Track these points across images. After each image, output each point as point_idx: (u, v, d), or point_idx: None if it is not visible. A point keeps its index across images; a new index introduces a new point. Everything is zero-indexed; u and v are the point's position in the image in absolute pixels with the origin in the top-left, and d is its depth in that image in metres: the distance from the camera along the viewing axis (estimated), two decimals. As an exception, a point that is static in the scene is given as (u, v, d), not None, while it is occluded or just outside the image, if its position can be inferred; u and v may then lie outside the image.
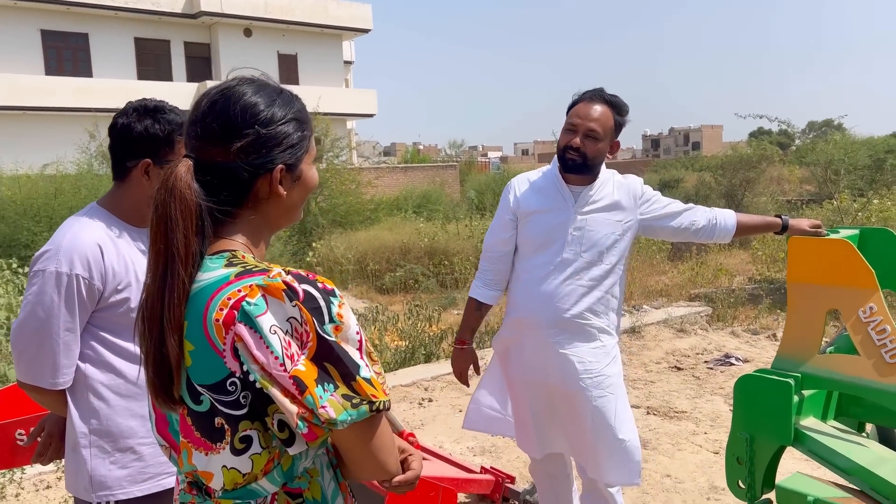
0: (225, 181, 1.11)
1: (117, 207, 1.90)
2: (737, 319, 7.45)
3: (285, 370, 1.00)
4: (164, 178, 1.10)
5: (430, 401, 5.19)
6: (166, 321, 1.04)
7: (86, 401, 1.82)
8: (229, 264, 1.08)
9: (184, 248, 1.06)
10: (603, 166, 2.62)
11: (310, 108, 1.27)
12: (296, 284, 1.03)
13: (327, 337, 1.02)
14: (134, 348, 1.80)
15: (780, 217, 2.64)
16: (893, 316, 2.19)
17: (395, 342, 6.82)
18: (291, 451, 1.06)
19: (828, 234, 2.45)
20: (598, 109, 2.51)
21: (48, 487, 3.85)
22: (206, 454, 1.07)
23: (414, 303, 8.24)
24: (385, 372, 5.93)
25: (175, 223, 1.06)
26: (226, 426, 1.05)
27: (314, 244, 13.16)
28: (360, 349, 1.06)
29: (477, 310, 2.71)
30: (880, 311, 2.12)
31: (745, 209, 13.87)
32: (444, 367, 5.91)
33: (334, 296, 1.05)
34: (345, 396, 1.02)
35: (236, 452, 1.06)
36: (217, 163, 1.11)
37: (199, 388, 1.05)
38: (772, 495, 2.35)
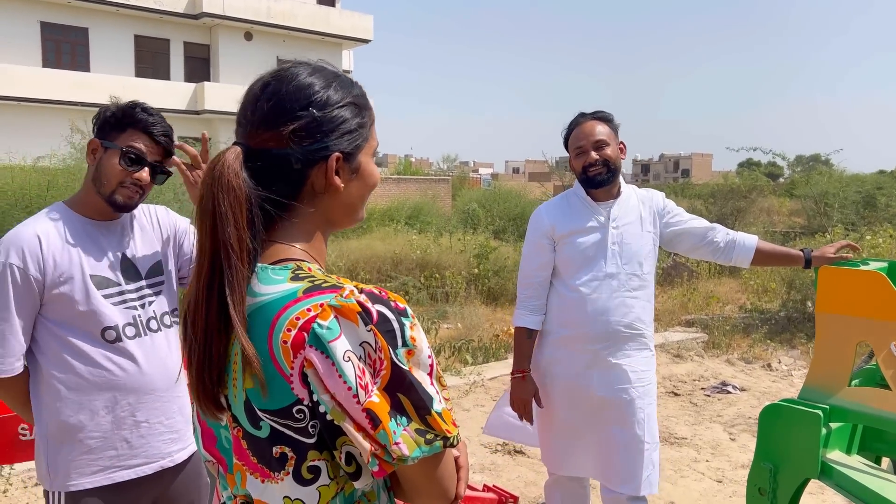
0: (277, 171, 1.01)
1: (77, 202, 1.92)
2: (731, 347, 7.46)
3: (359, 402, 0.90)
4: (209, 167, 1.00)
5: (427, 415, 5.12)
6: (235, 319, 0.94)
7: (40, 393, 1.85)
8: (295, 277, 0.98)
9: (237, 243, 0.95)
10: (622, 181, 2.71)
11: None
12: (370, 305, 0.93)
13: (401, 365, 0.93)
14: (80, 341, 1.83)
15: (803, 251, 2.65)
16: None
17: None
18: (358, 484, 0.98)
19: (857, 265, 2.43)
20: (592, 124, 2.64)
21: (37, 485, 3.74)
22: (263, 482, 0.98)
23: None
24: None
25: (225, 217, 0.95)
26: (290, 454, 0.96)
27: (306, 251, 13.06)
28: (430, 374, 0.97)
29: (528, 338, 2.70)
30: (913, 345, 2.10)
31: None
32: (440, 381, 5.86)
33: (406, 316, 0.95)
34: (418, 431, 0.93)
35: (303, 482, 0.96)
36: (269, 149, 1.01)
37: (261, 414, 0.96)
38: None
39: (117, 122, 1.88)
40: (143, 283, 1.95)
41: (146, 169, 1.89)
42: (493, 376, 6.05)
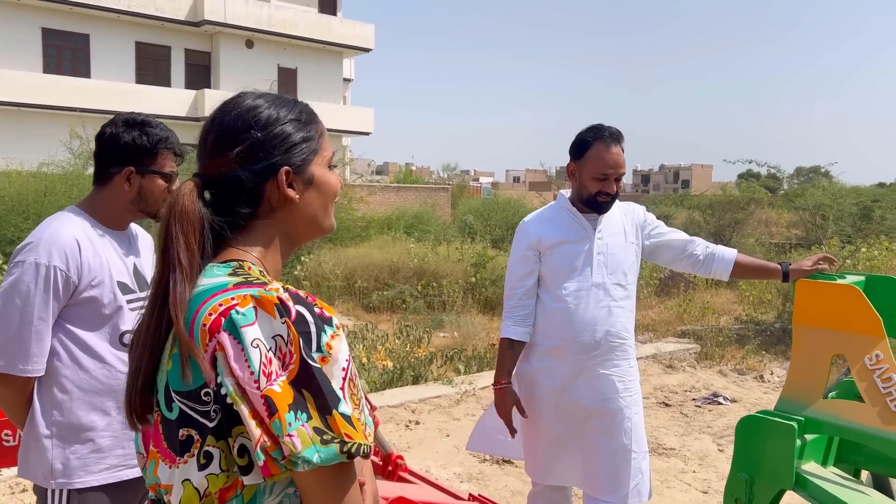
0: (234, 192, 1.08)
1: (95, 210, 1.98)
2: (724, 358, 7.47)
3: (258, 388, 0.93)
4: (168, 200, 1.08)
5: (417, 423, 5.13)
6: (179, 325, 0.99)
7: (51, 393, 1.89)
8: (233, 273, 1.04)
9: (188, 263, 1.03)
10: None
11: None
12: (290, 303, 0.98)
13: (311, 362, 0.95)
14: (99, 344, 1.90)
15: (781, 264, 2.67)
16: (898, 364, 2.19)
17: (383, 362, 6.76)
18: (246, 480, 0.98)
19: (834, 279, 2.45)
20: (620, 153, 2.62)
21: (24, 491, 3.75)
22: (171, 467, 1.02)
23: (404, 323, 8.19)
24: (371, 392, 5.85)
25: (175, 239, 1.03)
26: (195, 437, 0.99)
27: (302, 258, 13.08)
28: (342, 388, 0.97)
29: (510, 349, 2.68)
30: (887, 358, 2.12)
31: (733, 249, 13.94)
32: (432, 389, 5.87)
33: (329, 325, 0.99)
34: (316, 430, 0.93)
35: (199, 467, 0.99)
36: (222, 174, 1.08)
37: (174, 395, 1.01)
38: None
39: (152, 148, 1.96)
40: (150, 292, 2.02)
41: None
42: (485, 385, 6.05)
